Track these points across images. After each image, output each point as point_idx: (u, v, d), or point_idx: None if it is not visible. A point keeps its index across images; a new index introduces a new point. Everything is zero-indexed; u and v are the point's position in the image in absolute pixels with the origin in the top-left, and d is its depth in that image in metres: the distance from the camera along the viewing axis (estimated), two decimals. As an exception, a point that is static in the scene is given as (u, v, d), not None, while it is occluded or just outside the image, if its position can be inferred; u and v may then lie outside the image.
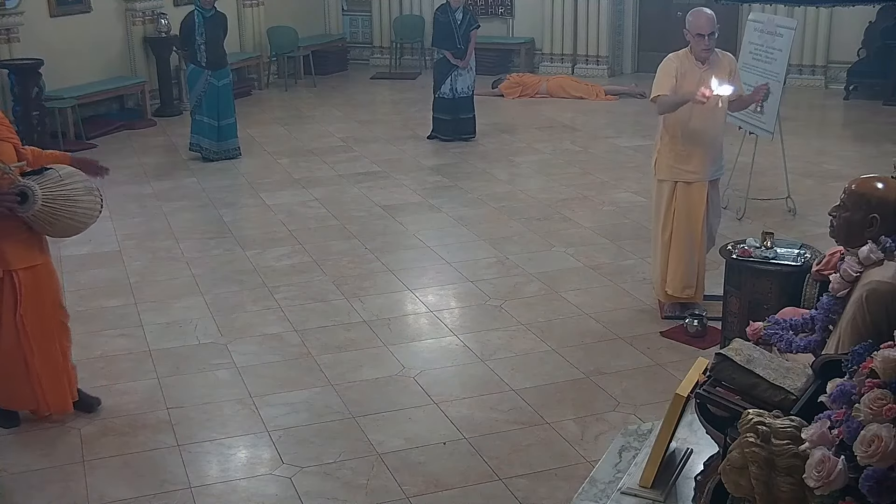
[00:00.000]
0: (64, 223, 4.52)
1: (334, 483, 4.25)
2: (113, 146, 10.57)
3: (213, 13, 9.70)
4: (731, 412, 2.72)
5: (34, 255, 4.58)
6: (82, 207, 4.53)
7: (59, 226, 4.53)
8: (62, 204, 4.43)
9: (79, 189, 4.51)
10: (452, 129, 10.55)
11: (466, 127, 10.60)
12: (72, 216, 4.50)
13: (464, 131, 10.58)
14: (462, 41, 10.39)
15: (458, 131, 10.56)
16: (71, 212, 4.49)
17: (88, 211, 4.57)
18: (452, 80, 10.43)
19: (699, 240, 5.81)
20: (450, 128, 10.55)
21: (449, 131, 10.55)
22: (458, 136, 10.54)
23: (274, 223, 7.89)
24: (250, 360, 5.43)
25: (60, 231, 4.62)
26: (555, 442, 4.55)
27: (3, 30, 10.22)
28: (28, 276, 4.55)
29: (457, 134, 10.55)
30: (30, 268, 4.56)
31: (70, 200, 4.46)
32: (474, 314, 6.07)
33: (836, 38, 12.94)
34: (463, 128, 10.58)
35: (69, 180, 4.49)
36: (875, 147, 10.03)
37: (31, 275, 4.57)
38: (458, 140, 10.50)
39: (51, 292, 4.69)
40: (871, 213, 3.12)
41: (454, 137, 10.52)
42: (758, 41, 7.97)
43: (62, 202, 4.43)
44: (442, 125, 10.58)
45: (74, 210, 4.50)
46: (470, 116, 10.60)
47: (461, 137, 10.54)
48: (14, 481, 4.30)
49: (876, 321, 2.97)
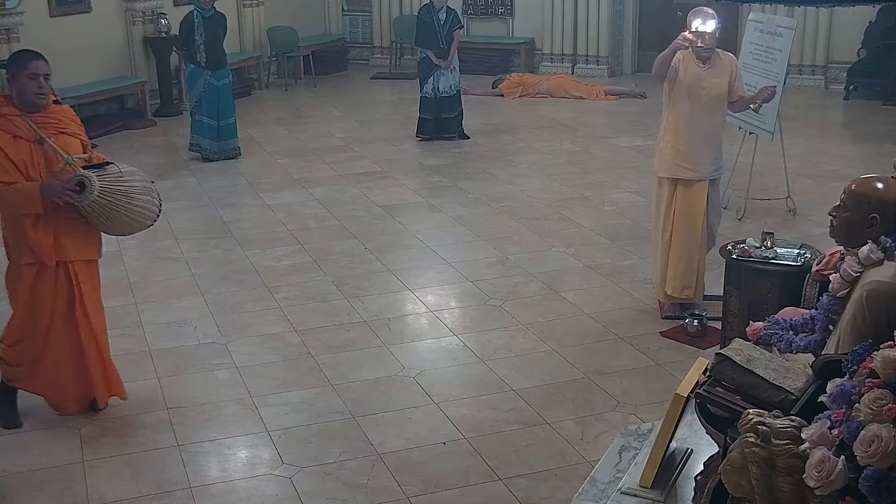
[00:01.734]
0: (120, 219, 4.57)
1: (334, 483, 4.25)
2: (113, 146, 10.55)
3: (212, 13, 9.71)
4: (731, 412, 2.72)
5: (91, 250, 4.67)
6: (138, 205, 4.59)
7: (115, 221, 4.58)
8: (119, 199, 4.50)
9: (136, 187, 4.59)
10: (434, 127, 10.52)
11: (449, 126, 10.57)
12: (128, 212, 4.57)
13: (445, 130, 10.55)
14: (445, 41, 10.39)
15: (440, 130, 10.53)
16: (127, 208, 4.55)
17: (145, 210, 4.64)
18: (435, 79, 10.40)
19: (699, 240, 5.81)
20: (431, 126, 10.52)
21: (430, 130, 10.53)
22: (439, 136, 10.51)
23: (274, 223, 7.89)
24: (250, 360, 5.43)
25: (116, 228, 4.68)
26: (555, 442, 4.55)
27: (3, 30, 10.22)
28: (84, 271, 4.64)
29: (438, 133, 10.52)
30: (86, 262, 4.65)
31: (127, 197, 4.53)
32: (474, 314, 6.07)
33: (836, 38, 12.93)
34: (445, 127, 10.56)
35: (128, 177, 4.57)
36: (875, 147, 10.03)
37: (88, 270, 4.66)
38: (441, 139, 10.48)
39: (95, 290, 4.77)
40: (871, 213, 3.12)
41: (435, 136, 10.50)
42: (758, 41, 7.97)
43: (119, 197, 4.50)
44: (424, 124, 10.57)
45: (130, 207, 4.56)
46: (453, 115, 10.56)
47: (443, 136, 10.52)
48: (14, 481, 4.30)
49: (876, 321, 2.97)
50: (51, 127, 4.48)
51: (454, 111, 10.58)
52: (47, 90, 4.45)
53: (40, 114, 4.47)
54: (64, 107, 4.67)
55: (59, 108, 4.62)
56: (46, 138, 4.44)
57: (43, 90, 4.42)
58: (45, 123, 4.47)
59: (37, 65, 4.41)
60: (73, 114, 4.68)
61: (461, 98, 10.65)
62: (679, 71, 5.64)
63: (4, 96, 4.50)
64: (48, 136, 4.45)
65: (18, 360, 4.71)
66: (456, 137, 10.60)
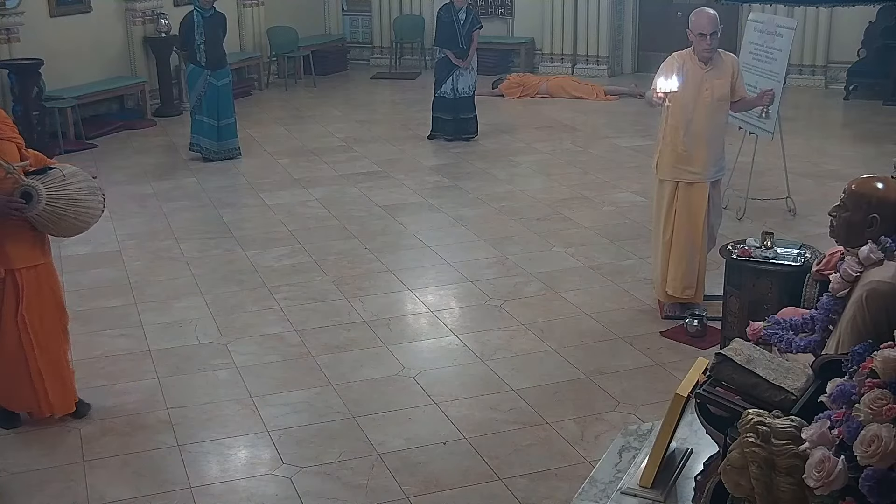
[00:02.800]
0: (68, 222, 4.53)
1: (334, 483, 4.25)
2: (113, 146, 10.58)
3: (212, 13, 9.71)
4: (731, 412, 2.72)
5: (37, 255, 4.58)
6: (85, 207, 4.54)
7: (62, 225, 4.53)
8: (66, 203, 4.45)
9: (81, 188, 4.53)
10: (454, 128, 10.57)
11: (468, 126, 10.62)
12: (76, 216, 4.52)
13: (465, 131, 10.60)
14: (464, 41, 10.40)
15: (460, 131, 10.58)
16: (75, 211, 4.50)
17: (91, 210, 4.59)
18: (454, 79, 10.44)
19: (700, 240, 5.81)
20: (451, 127, 10.57)
21: (450, 131, 10.57)
22: (459, 136, 10.56)
23: (274, 223, 7.89)
24: (250, 360, 5.43)
25: (63, 230, 4.63)
26: (555, 442, 4.54)
27: (3, 30, 10.21)
28: (31, 276, 4.55)
29: (458, 133, 10.57)
30: (32, 267, 4.56)
31: (73, 200, 4.48)
32: (474, 314, 6.07)
33: (836, 38, 12.94)
34: (464, 127, 10.60)
35: (72, 179, 4.50)
36: (875, 147, 10.03)
37: (34, 274, 4.57)
38: (459, 140, 10.52)
39: (52, 293, 4.69)
40: (871, 213, 3.12)
41: (455, 137, 10.54)
42: (758, 41, 7.97)
43: (66, 202, 4.45)
44: (443, 125, 10.60)
45: (78, 210, 4.51)
46: (471, 116, 10.62)
47: (462, 137, 10.56)
48: (14, 481, 4.30)
49: (876, 321, 2.97)
50: None
51: (472, 111, 10.61)
52: None
53: None
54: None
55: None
56: None
57: None
58: None
59: None
60: (5, 116, 4.57)
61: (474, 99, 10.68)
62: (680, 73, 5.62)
63: None
64: None
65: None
66: (474, 138, 10.62)
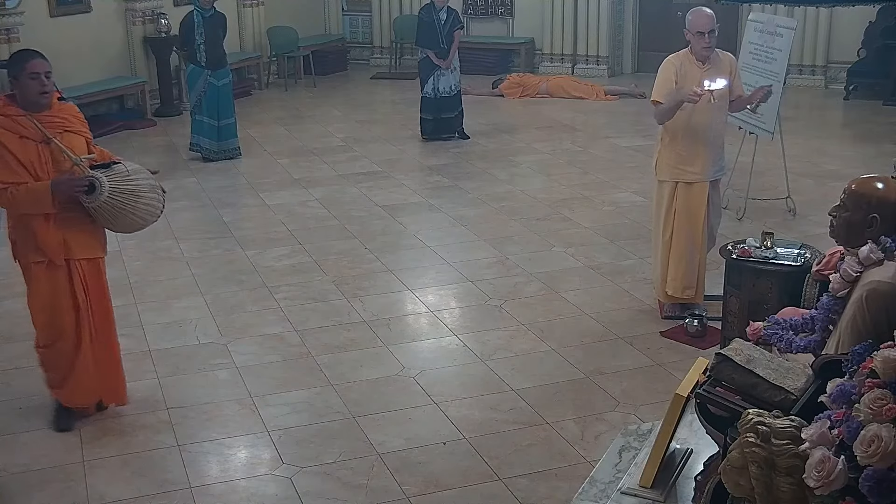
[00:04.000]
0: (127, 218, 4.58)
1: (334, 483, 4.25)
2: (113, 146, 10.45)
3: (212, 13, 9.71)
4: (731, 412, 2.72)
5: (96, 248, 4.66)
6: (144, 204, 4.60)
7: (121, 220, 4.58)
8: (126, 198, 4.51)
9: (143, 185, 4.59)
10: (434, 128, 10.54)
11: (449, 126, 10.59)
12: (134, 211, 4.57)
13: (444, 130, 10.57)
14: (445, 41, 10.39)
15: (440, 130, 10.55)
16: (134, 207, 4.56)
17: (150, 208, 4.65)
18: (435, 79, 10.41)
19: (700, 240, 5.81)
20: (431, 127, 10.54)
21: (430, 130, 10.55)
22: (439, 136, 10.53)
23: (274, 223, 7.89)
24: (250, 360, 5.43)
25: (122, 226, 4.67)
26: (555, 442, 4.55)
27: (3, 30, 10.22)
28: (90, 268, 4.63)
29: (438, 133, 10.54)
30: (91, 260, 4.63)
31: (135, 195, 4.54)
32: (474, 314, 6.07)
33: (836, 38, 12.93)
34: (445, 127, 10.57)
35: (135, 176, 4.57)
36: (875, 147, 10.03)
37: (92, 267, 4.65)
38: (440, 139, 10.49)
39: (105, 288, 4.77)
40: (871, 213, 3.12)
41: (434, 136, 10.52)
42: (758, 41, 7.97)
43: (127, 196, 4.51)
44: (425, 124, 10.59)
45: (137, 205, 4.57)
46: (453, 115, 10.57)
47: (442, 136, 10.53)
48: (14, 481, 4.30)
49: (876, 321, 2.97)
50: (56, 126, 4.47)
51: (454, 111, 10.59)
52: (50, 88, 4.43)
53: (45, 113, 4.45)
54: (68, 104, 4.65)
55: (63, 105, 4.59)
56: (53, 138, 4.42)
57: (46, 88, 4.40)
58: (51, 122, 4.45)
59: (36, 63, 4.37)
60: (77, 111, 4.67)
61: (461, 98, 10.65)
62: (679, 75, 5.63)
63: (8, 96, 4.46)
64: (54, 135, 4.43)
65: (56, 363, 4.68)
66: (455, 137, 10.61)
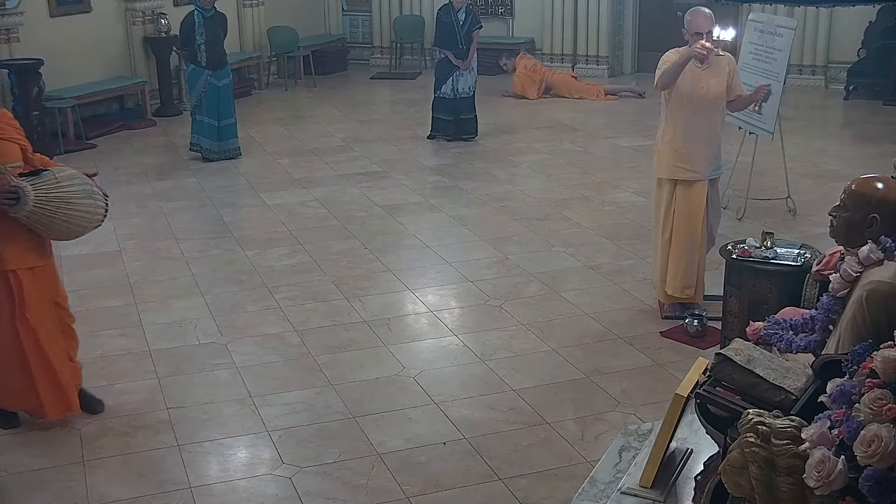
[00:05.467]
0: (60, 225, 4.50)
1: (334, 483, 4.25)
2: (113, 146, 10.57)
3: (212, 13, 9.70)
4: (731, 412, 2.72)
5: (33, 257, 4.57)
6: (78, 211, 4.51)
7: (54, 228, 4.51)
8: (56, 206, 4.42)
9: (76, 192, 4.49)
10: (454, 129, 10.59)
11: (468, 127, 10.64)
12: (68, 219, 4.49)
13: (465, 131, 10.61)
14: (464, 42, 10.42)
15: (460, 131, 10.60)
16: (67, 214, 4.47)
17: (87, 214, 4.56)
18: (454, 80, 10.45)
19: (699, 240, 5.81)
20: (451, 128, 10.59)
21: (450, 131, 10.59)
22: (459, 136, 10.57)
23: (274, 223, 7.89)
24: (250, 360, 5.43)
25: (57, 233, 4.60)
26: (555, 442, 4.55)
27: (3, 30, 10.21)
28: (28, 278, 4.54)
29: (458, 134, 10.59)
30: (29, 269, 4.55)
31: (66, 203, 4.45)
32: (474, 314, 6.07)
33: (836, 38, 12.94)
34: (464, 128, 10.62)
35: (66, 182, 4.47)
36: (875, 147, 10.03)
37: (31, 276, 4.56)
38: (459, 140, 10.53)
39: (52, 294, 4.69)
40: (871, 213, 3.12)
41: (455, 137, 10.55)
42: (758, 41, 7.97)
43: (56, 203, 4.42)
44: (443, 125, 10.61)
45: (70, 213, 4.48)
46: (471, 116, 10.64)
47: (462, 137, 10.57)
48: (14, 481, 4.30)
49: (876, 321, 2.97)
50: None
51: (472, 112, 10.63)
52: None
53: None
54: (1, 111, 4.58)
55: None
56: None
57: None
58: None
59: None
60: (11, 117, 4.59)
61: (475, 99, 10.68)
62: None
63: None
64: None
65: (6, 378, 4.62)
66: (474, 139, 10.63)
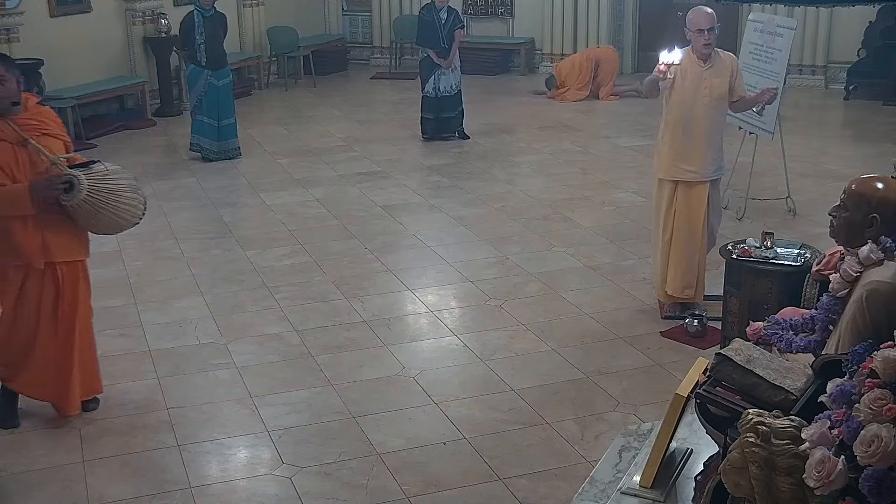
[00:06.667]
0: (107, 218, 4.57)
1: (334, 483, 4.25)
2: (113, 146, 10.57)
3: (212, 13, 9.71)
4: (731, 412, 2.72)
5: (76, 251, 4.65)
6: (125, 204, 4.59)
7: (101, 220, 4.57)
8: (106, 197, 4.50)
9: (123, 185, 4.59)
10: (434, 127, 10.56)
11: (449, 125, 10.61)
12: (115, 211, 4.56)
13: (445, 129, 10.59)
14: (446, 40, 10.41)
15: (440, 130, 10.58)
16: (115, 206, 4.55)
17: (131, 208, 4.64)
18: (436, 79, 10.43)
19: (700, 240, 5.81)
20: (431, 126, 10.56)
21: (431, 130, 10.57)
22: (439, 135, 10.55)
23: (274, 223, 7.89)
24: (250, 360, 5.43)
25: (103, 226, 4.66)
26: (555, 442, 4.55)
27: (3, 30, 10.22)
28: (69, 271, 4.61)
29: (438, 132, 10.56)
30: (71, 263, 4.62)
31: (114, 195, 4.53)
32: (474, 314, 6.07)
33: (836, 38, 12.93)
34: (445, 126, 10.59)
35: (114, 175, 4.57)
36: (875, 147, 10.03)
37: (72, 270, 4.63)
38: (440, 139, 10.50)
39: (85, 292, 4.75)
40: (871, 213, 3.11)
41: (435, 136, 10.53)
42: (758, 41, 7.97)
43: (106, 195, 4.50)
44: (425, 123, 10.61)
45: (118, 205, 4.56)
46: (454, 115, 10.59)
47: (442, 136, 10.54)
48: (14, 481, 4.30)
49: (876, 321, 2.97)
50: (33, 129, 4.48)
51: (454, 110, 10.61)
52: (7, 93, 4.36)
53: (22, 115, 4.46)
54: (45, 108, 4.66)
55: (40, 109, 4.61)
56: (30, 139, 4.42)
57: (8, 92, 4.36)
58: (28, 125, 4.46)
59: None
60: (55, 115, 4.67)
61: (462, 98, 10.66)
62: (678, 72, 5.63)
63: None
64: (31, 137, 4.43)
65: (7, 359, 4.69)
66: (455, 137, 10.62)
